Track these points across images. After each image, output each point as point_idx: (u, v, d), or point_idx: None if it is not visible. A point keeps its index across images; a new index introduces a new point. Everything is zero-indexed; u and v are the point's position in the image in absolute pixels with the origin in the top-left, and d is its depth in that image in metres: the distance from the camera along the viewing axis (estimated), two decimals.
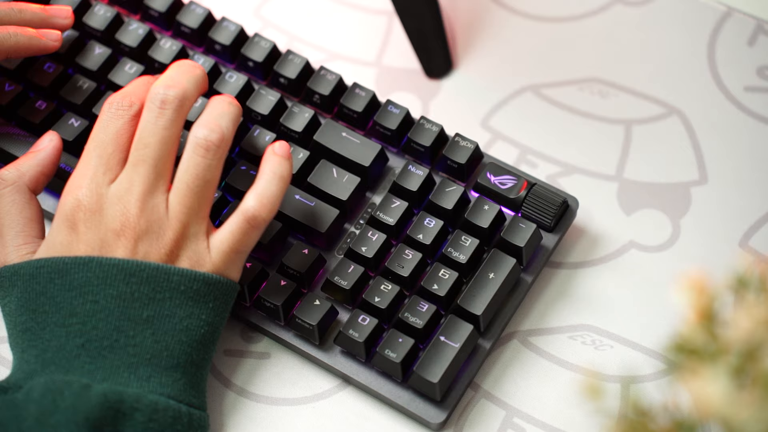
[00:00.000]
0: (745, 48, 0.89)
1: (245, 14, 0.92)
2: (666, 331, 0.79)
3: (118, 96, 0.76)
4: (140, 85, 0.78)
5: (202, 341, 0.74)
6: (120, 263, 0.73)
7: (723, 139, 0.86)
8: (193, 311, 0.74)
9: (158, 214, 0.74)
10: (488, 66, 0.89)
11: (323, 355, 0.79)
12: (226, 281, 0.75)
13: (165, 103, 0.75)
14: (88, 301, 0.73)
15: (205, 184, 0.75)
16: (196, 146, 0.75)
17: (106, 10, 0.87)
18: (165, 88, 0.75)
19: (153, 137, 0.75)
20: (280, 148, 0.77)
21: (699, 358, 0.54)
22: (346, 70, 0.90)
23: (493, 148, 0.86)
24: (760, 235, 0.83)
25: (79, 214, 0.74)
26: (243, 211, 0.75)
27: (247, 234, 0.75)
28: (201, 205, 0.75)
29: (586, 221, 0.84)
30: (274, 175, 0.76)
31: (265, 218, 0.75)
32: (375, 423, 0.78)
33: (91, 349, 0.72)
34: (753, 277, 0.56)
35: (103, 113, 0.76)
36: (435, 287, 0.78)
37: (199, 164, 0.75)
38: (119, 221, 0.74)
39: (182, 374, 0.74)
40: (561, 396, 0.78)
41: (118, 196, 0.74)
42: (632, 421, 0.56)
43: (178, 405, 0.73)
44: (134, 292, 0.73)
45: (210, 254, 0.75)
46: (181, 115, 0.76)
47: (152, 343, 0.73)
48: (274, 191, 0.76)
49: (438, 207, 0.80)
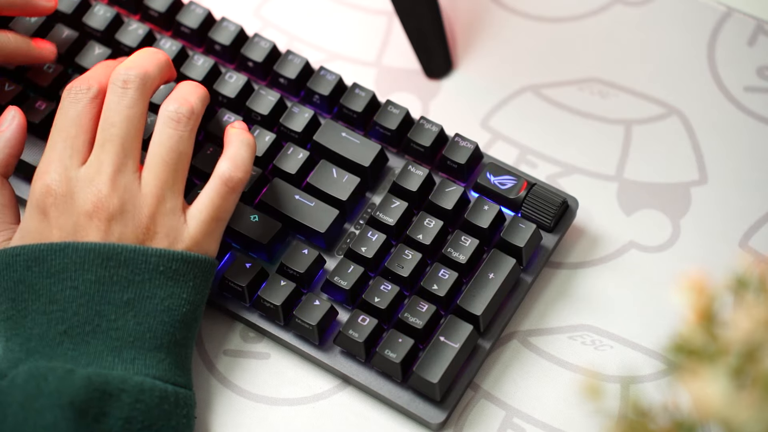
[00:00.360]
0: (745, 48, 0.89)
1: (245, 14, 0.92)
2: (666, 332, 0.79)
3: (76, 81, 0.77)
4: (99, 68, 0.78)
5: (184, 320, 0.74)
6: (96, 247, 0.73)
7: (723, 139, 0.86)
8: (174, 291, 0.74)
9: (131, 192, 0.74)
10: (488, 66, 0.89)
11: (323, 355, 0.78)
12: (204, 258, 0.75)
13: (127, 82, 0.75)
14: (67, 287, 0.73)
15: (179, 156, 0.75)
16: (167, 119, 0.76)
17: (105, 10, 0.87)
18: (126, 69, 0.76)
19: (118, 116, 0.75)
20: (239, 124, 0.79)
21: (699, 359, 0.54)
22: (346, 70, 0.90)
23: (492, 149, 0.86)
24: (760, 235, 0.83)
25: (49, 199, 0.74)
26: (219, 174, 0.76)
27: (226, 198, 0.76)
28: (176, 179, 0.75)
29: (586, 221, 0.84)
30: (242, 142, 0.77)
31: (241, 178, 0.76)
32: (375, 423, 0.78)
33: (74, 335, 0.73)
34: (753, 278, 0.56)
35: (63, 100, 0.77)
36: (435, 287, 0.78)
37: (172, 136, 0.75)
38: (91, 203, 0.74)
39: (166, 354, 0.74)
40: (561, 396, 0.78)
41: (89, 178, 0.74)
42: (632, 421, 0.56)
43: (164, 385, 0.73)
44: (113, 275, 0.73)
45: (188, 227, 0.75)
46: (144, 95, 0.76)
47: (134, 325, 0.73)
48: (245, 154, 0.77)
49: (438, 207, 0.80)
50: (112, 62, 0.79)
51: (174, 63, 0.86)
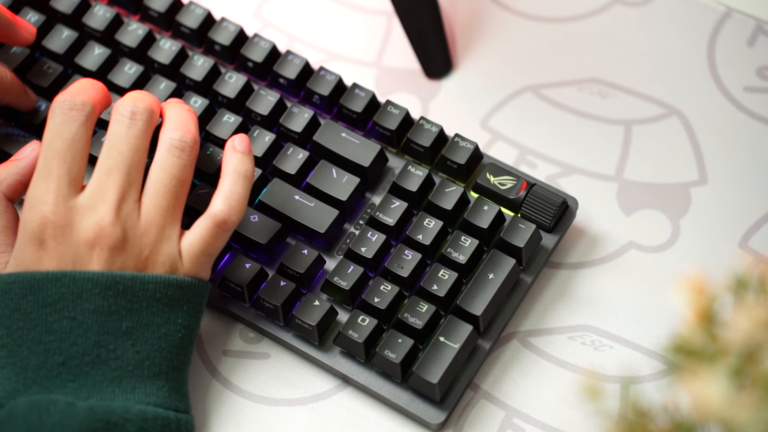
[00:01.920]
0: (745, 48, 0.89)
1: (245, 14, 0.92)
2: (665, 332, 0.79)
3: (67, 94, 0.74)
4: (87, 84, 0.76)
5: (180, 345, 0.74)
6: (94, 276, 0.72)
7: (723, 140, 0.86)
8: (170, 317, 0.74)
9: (132, 221, 0.73)
10: (488, 66, 0.89)
11: (323, 355, 0.78)
12: (198, 282, 0.75)
13: (135, 114, 0.74)
14: (65, 317, 0.72)
15: (181, 184, 0.75)
16: (171, 147, 0.75)
17: (105, 10, 0.87)
18: (134, 102, 0.75)
19: (126, 146, 0.74)
20: (240, 143, 0.77)
21: (698, 359, 0.54)
22: (345, 71, 0.90)
23: (492, 149, 0.86)
24: (760, 235, 0.83)
25: (48, 230, 0.72)
26: (212, 215, 0.75)
27: (217, 237, 0.75)
28: (175, 207, 0.74)
29: (586, 222, 0.84)
30: (239, 174, 0.76)
31: (234, 221, 0.75)
32: (375, 423, 0.78)
33: (72, 366, 0.72)
34: (752, 278, 0.56)
35: (54, 115, 0.74)
36: (434, 288, 0.78)
37: (175, 164, 0.74)
38: (93, 231, 0.72)
39: (165, 381, 0.73)
40: (560, 396, 0.78)
41: (90, 207, 0.73)
42: (632, 421, 0.56)
43: (166, 412, 0.73)
44: (111, 305, 0.72)
45: (181, 258, 0.74)
46: (149, 129, 0.75)
47: (133, 354, 0.72)
48: (240, 191, 0.75)
49: (437, 207, 0.80)
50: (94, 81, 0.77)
51: (174, 63, 0.86)
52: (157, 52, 0.86)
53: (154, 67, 0.86)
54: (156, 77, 0.85)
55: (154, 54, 0.86)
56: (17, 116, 0.84)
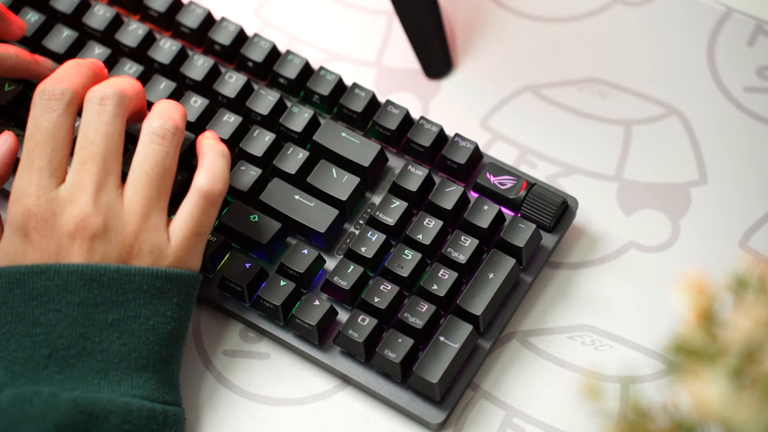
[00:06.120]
0: (745, 48, 0.89)
1: (245, 14, 0.92)
2: (665, 332, 0.79)
3: (47, 83, 0.74)
4: (69, 68, 0.76)
5: (169, 338, 0.74)
6: (79, 269, 0.72)
7: (723, 139, 0.86)
8: (158, 309, 0.73)
9: (114, 210, 0.73)
10: (488, 66, 0.89)
11: (323, 355, 0.79)
12: (187, 274, 0.75)
13: (104, 99, 0.74)
14: (50, 310, 0.72)
15: (164, 171, 0.74)
16: (152, 135, 0.75)
17: (105, 10, 0.87)
18: (102, 87, 0.74)
19: (97, 133, 0.73)
20: (209, 133, 0.79)
21: (698, 359, 0.54)
22: (345, 71, 0.90)
23: (492, 149, 0.86)
24: (760, 235, 0.83)
25: (31, 222, 0.73)
26: (197, 188, 0.75)
27: (206, 212, 0.75)
28: (160, 195, 0.74)
29: (586, 221, 0.84)
30: (216, 152, 0.76)
31: (220, 191, 0.75)
32: (375, 423, 0.78)
33: (59, 358, 0.72)
34: (752, 278, 0.56)
35: (35, 105, 0.74)
36: (435, 287, 0.78)
37: (157, 152, 0.74)
38: (74, 222, 0.72)
39: (153, 373, 0.73)
40: (560, 396, 0.78)
41: (70, 198, 0.73)
42: (632, 421, 0.56)
43: (152, 404, 0.73)
44: (96, 297, 0.72)
45: (170, 244, 0.74)
46: (122, 112, 0.74)
47: (119, 346, 0.72)
48: (221, 165, 0.76)
49: (438, 207, 0.80)
50: (82, 61, 0.77)
51: (174, 63, 0.86)
52: (157, 52, 0.86)
53: (154, 67, 0.86)
54: (156, 77, 0.85)
55: (154, 54, 0.86)
56: (17, 116, 0.84)
